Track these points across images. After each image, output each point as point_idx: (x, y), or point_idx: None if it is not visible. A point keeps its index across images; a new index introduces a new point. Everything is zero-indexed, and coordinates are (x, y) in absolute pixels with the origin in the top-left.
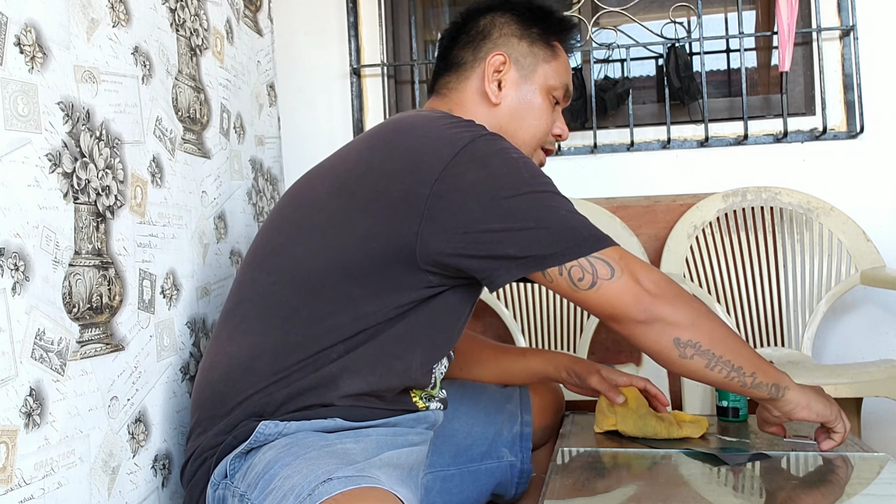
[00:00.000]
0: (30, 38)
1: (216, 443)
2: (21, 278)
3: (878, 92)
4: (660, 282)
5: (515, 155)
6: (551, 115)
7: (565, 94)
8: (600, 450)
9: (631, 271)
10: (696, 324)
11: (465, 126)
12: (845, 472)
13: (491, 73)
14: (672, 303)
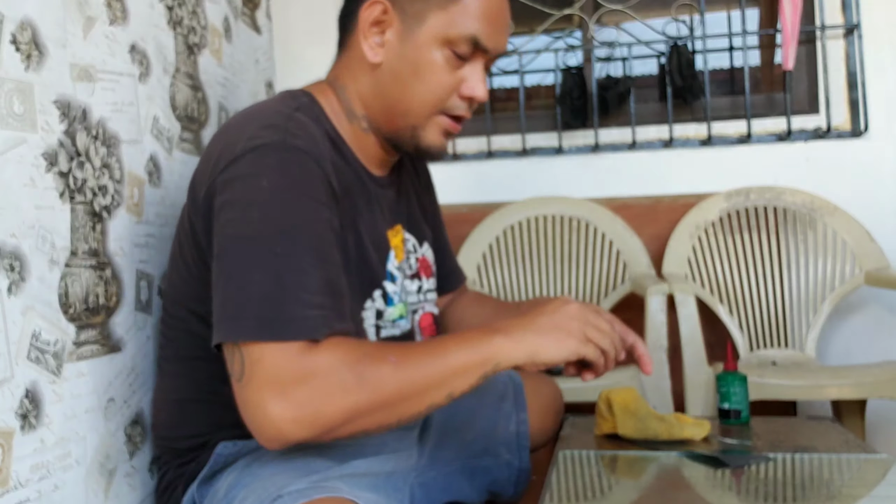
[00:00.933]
0: (26, 35)
1: (180, 473)
2: (17, 279)
3: (882, 90)
4: (305, 401)
5: (266, 183)
6: (453, 73)
7: (476, 46)
8: (600, 452)
9: (263, 383)
10: (359, 412)
11: (260, 126)
12: (849, 475)
13: (367, 27)
14: (314, 420)
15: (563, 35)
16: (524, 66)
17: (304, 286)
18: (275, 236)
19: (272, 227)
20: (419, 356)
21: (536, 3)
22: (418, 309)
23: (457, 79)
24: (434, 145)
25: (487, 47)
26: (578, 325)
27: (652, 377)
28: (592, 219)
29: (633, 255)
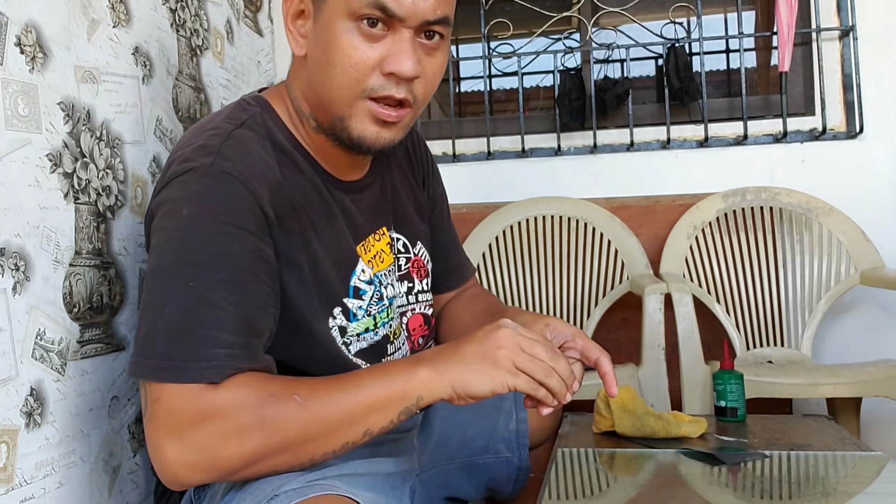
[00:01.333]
0: (30, 38)
1: None
2: (22, 278)
3: (877, 92)
4: (201, 445)
5: (186, 212)
6: (369, 49)
7: (385, 12)
8: (599, 450)
9: (160, 424)
10: (260, 456)
11: (195, 148)
12: (844, 472)
13: (289, 20)
14: (211, 465)
15: (561, 37)
16: (523, 67)
17: (215, 322)
18: (190, 268)
19: (188, 258)
20: (330, 392)
21: (535, 6)
22: (407, 311)
23: (376, 55)
24: (365, 136)
25: (395, 11)
26: (507, 354)
27: (649, 375)
28: (591, 219)
29: (630, 254)
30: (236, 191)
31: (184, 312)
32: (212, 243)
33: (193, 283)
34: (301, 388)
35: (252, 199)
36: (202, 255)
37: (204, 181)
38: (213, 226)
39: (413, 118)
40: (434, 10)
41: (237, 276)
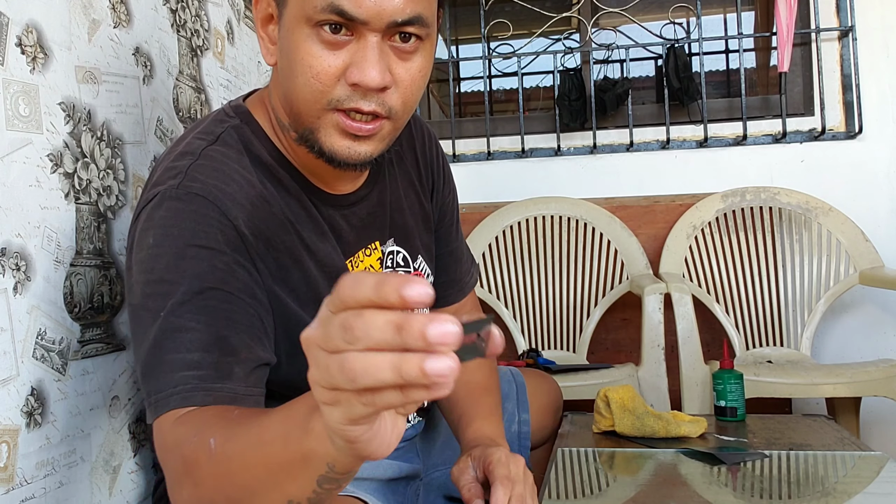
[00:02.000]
0: (31, 38)
1: None
2: (22, 278)
3: (876, 92)
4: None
5: (152, 240)
6: (331, 57)
7: (343, 16)
8: (598, 450)
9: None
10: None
11: (165, 169)
12: (844, 472)
13: (259, 28)
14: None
15: (561, 37)
16: (523, 68)
17: (181, 345)
18: (158, 299)
19: (155, 290)
20: (239, 440)
21: (535, 6)
22: None
23: (339, 63)
24: (336, 150)
25: (355, 14)
26: (322, 375)
27: (649, 375)
28: (590, 219)
29: (630, 254)
30: (204, 210)
31: (153, 346)
32: (178, 267)
33: (162, 313)
34: (219, 429)
35: (224, 218)
36: (167, 282)
37: (169, 204)
38: (178, 249)
39: (394, 129)
40: (402, 9)
41: (206, 294)
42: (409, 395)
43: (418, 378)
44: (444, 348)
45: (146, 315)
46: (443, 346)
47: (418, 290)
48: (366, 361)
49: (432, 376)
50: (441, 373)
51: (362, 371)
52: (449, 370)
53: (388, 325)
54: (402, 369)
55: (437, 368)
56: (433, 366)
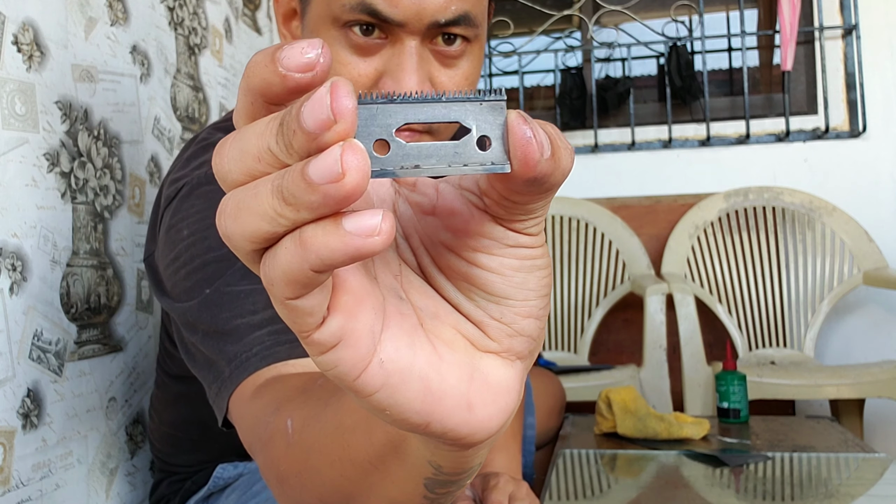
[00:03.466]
0: (27, 36)
1: (175, 490)
2: (19, 278)
3: (880, 91)
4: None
5: (187, 231)
6: (362, 63)
7: (376, 16)
8: (600, 451)
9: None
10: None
11: (182, 163)
12: (847, 474)
13: (280, 26)
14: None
15: (562, 36)
16: (524, 66)
17: (244, 309)
18: (202, 280)
19: (203, 276)
20: (319, 424)
21: (536, 4)
22: None
23: (370, 71)
24: None
25: (390, 15)
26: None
27: (651, 376)
28: (592, 219)
29: (632, 254)
30: None
31: (210, 326)
32: (220, 243)
33: (210, 289)
34: (298, 406)
35: None
36: (212, 263)
37: (201, 191)
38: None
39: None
40: (445, 6)
41: None
42: (306, 238)
43: (300, 192)
44: (333, 133)
45: (198, 308)
46: (332, 133)
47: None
48: (239, 194)
49: (315, 181)
50: (328, 172)
51: (234, 209)
52: (348, 165)
53: (267, 126)
54: (282, 185)
55: (321, 167)
56: (315, 165)
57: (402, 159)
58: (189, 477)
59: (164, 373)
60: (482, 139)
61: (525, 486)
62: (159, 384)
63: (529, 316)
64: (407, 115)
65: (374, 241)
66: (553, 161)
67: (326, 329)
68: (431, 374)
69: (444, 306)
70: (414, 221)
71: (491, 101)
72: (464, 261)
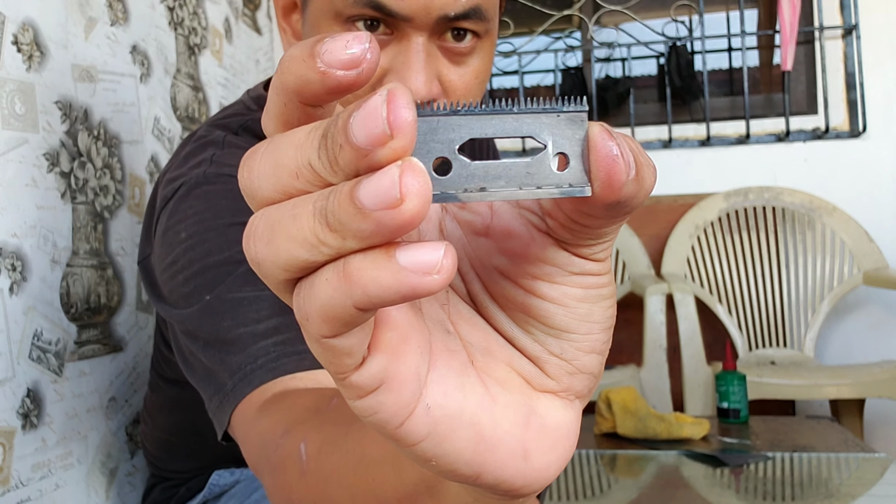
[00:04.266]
0: (27, 36)
1: (168, 496)
2: (18, 278)
3: (880, 91)
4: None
5: (185, 233)
6: None
7: (381, 10)
8: (600, 451)
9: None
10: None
11: (186, 156)
12: (847, 474)
13: (280, 20)
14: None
15: (562, 36)
16: (524, 66)
17: (248, 317)
18: (202, 286)
19: (203, 280)
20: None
21: (536, 4)
22: None
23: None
24: None
25: (396, 9)
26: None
27: (651, 376)
28: None
29: (632, 254)
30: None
31: (212, 335)
32: (221, 246)
33: (211, 296)
34: (311, 428)
35: None
36: (213, 268)
37: (199, 191)
38: (219, 229)
39: None
40: (440, 2)
41: None
42: (352, 271)
43: (348, 218)
44: (389, 150)
45: (199, 314)
46: (387, 149)
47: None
48: (273, 214)
49: (366, 206)
50: (383, 196)
51: (267, 232)
52: (407, 189)
53: (308, 136)
54: (326, 208)
55: (375, 190)
56: (368, 187)
57: (465, 181)
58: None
59: (159, 376)
60: (560, 156)
61: None
62: (153, 387)
63: (592, 351)
64: (473, 130)
65: (433, 281)
66: (637, 182)
67: (366, 371)
68: (484, 420)
69: (497, 340)
70: (464, 243)
71: (571, 112)
72: (521, 289)
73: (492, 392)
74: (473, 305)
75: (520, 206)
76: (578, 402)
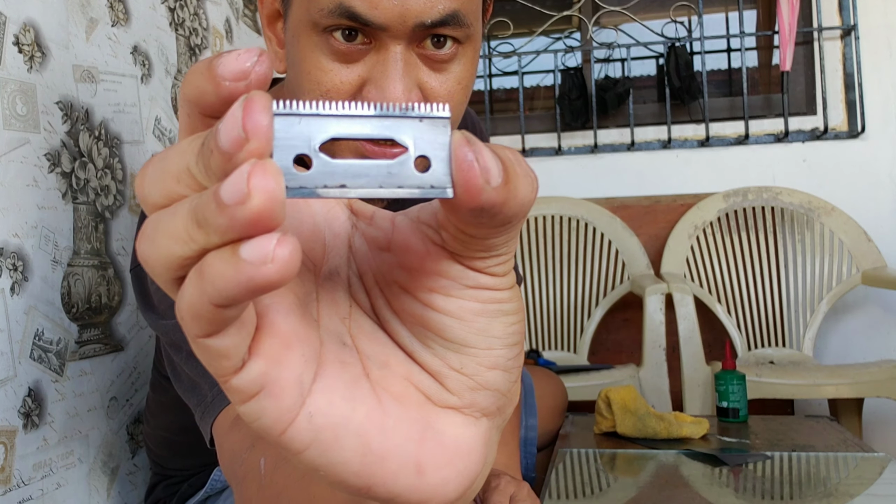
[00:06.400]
0: (28, 37)
1: (171, 493)
2: (20, 278)
3: (879, 91)
4: None
5: None
6: (338, 70)
7: (357, 20)
8: (600, 451)
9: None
10: None
11: None
12: (846, 473)
13: (266, 23)
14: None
15: (562, 36)
16: (523, 66)
17: None
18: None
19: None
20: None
21: (536, 5)
22: None
23: (353, 78)
24: None
25: (371, 18)
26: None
27: (650, 376)
28: (591, 219)
29: (631, 254)
30: None
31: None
32: None
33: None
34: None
35: None
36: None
37: None
38: None
39: None
40: (431, 6)
41: None
42: (204, 267)
43: (211, 214)
44: (245, 152)
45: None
46: (244, 151)
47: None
48: (159, 216)
49: (225, 202)
50: (235, 192)
51: (152, 232)
52: (253, 185)
53: (189, 145)
54: (197, 206)
55: (229, 186)
56: (225, 185)
57: (326, 178)
58: (185, 480)
59: (161, 375)
60: (421, 159)
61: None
62: (155, 386)
63: (495, 367)
64: (335, 129)
65: (268, 270)
66: (506, 189)
67: (245, 375)
68: (372, 432)
69: (397, 354)
70: (369, 258)
71: (432, 117)
72: (419, 302)
73: (385, 405)
74: (377, 320)
75: (419, 221)
76: (486, 420)
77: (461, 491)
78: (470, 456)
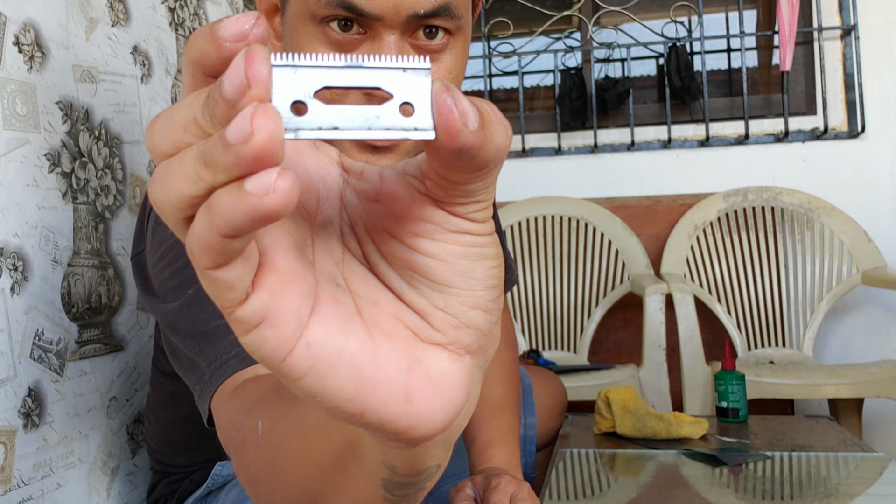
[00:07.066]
0: (28, 37)
1: (172, 490)
2: (20, 278)
3: (879, 91)
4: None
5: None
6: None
7: (352, 11)
8: (599, 451)
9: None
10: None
11: None
12: (846, 473)
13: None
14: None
15: (562, 36)
16: (523, 66)
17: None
18: (185, 280)
19: (183, 275)
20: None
21: (536, 5)
22: None
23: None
24: None
25: (367, 9)
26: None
27: (650, 376)
28: (591, 219)
29: (631, 254)
30: None
31: (192, 324)
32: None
33: (192, 291)
34: (269, 406)
35: None
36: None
37: None
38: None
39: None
40: (410, 2)
41: None
42: (213, 201)
43: (217, 153)
44: (248, 98)
45: (179, 306)
46: (246, 97)
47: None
48: (168, 163)
49: (230, 141)
50: (239, 132)
51: (162, 176)
52: (256, 124)
53: (195, 98)
54: (204, 149)
55: (233, 127)
56: (230, 126)
57: (320, 121)
58: (187, 476)
59: (159, 371)
60: (406, 105)
61: (526, 486)
62: (154, 384)
63: (476, 307)
64: (328, 79)
65: (271, 200)
66: (482, 134)
67: (249, 306)
68: (364, 362)
69: (386, 295)
70: (360, 209)
71: (414, 68)
72: (405, 247)
73: (376, 339)
74: (367, 265)
75: (405, 173)
76: (469, 358)
77: (447, 421)
78: (455, 389)
